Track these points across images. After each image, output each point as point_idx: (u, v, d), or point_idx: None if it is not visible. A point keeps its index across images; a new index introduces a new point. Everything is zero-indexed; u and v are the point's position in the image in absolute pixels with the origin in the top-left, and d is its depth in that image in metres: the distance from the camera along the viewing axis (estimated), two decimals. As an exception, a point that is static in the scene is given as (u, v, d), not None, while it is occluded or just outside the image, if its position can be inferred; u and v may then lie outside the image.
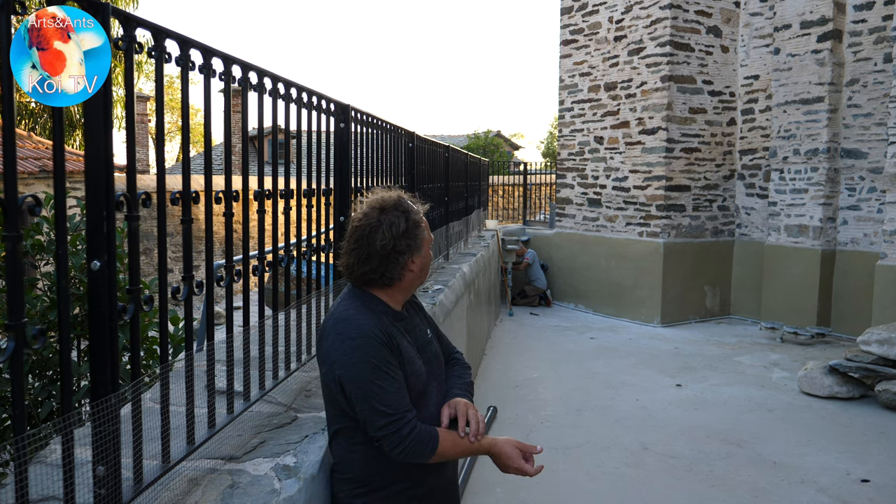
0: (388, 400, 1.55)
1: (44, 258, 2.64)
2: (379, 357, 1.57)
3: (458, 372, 1.85)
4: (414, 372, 1.65)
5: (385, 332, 1.61)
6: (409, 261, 1.65)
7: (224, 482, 1.52)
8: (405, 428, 1.55)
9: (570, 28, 9.58)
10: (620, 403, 5.45)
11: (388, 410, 1.54)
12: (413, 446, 1.55)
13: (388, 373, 1.57)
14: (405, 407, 1.57)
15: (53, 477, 1.34)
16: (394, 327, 1.65)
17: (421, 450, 1.57)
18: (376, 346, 1.57)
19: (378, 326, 1.60)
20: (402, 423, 1.55)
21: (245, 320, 1.82)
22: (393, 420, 1.54)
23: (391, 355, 1.59)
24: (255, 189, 1.89)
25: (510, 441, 1.67)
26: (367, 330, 1.58)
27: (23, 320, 1.00)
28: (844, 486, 3.93)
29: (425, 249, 1.70)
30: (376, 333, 1.58)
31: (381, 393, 1.54)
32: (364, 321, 1.60)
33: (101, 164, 1.18)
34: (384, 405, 1.54)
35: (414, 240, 1.65)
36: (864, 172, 7.39)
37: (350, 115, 2.64)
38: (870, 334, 5.39)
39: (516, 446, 1.66)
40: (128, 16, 1.25)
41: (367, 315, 1.62)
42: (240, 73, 1.69)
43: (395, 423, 1.54)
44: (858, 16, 7.36)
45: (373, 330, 1.58)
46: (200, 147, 24.36)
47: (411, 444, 1.55)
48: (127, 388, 1.27)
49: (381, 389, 1.55)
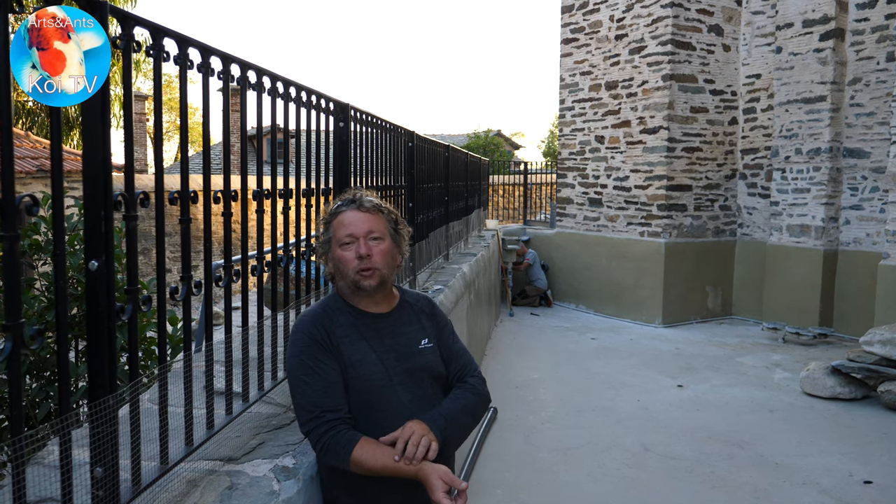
0: (311, 395, 1.56)
1: (41, 258, 2.63)
2: (307, 352, 1.58)
3: (452, 395, 1.71)
4: (360, 375, 1.60)
5: (323, 329, 1.61)
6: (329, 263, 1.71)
7: (223, 483, 1.52)
8: (322, 426, 1.54)
9: (571, 26, 9.55)
10: (621, 404, 5.43)
11: (308, 406, 1.55)
12: (329, 447, 1.53)
13: (313, 368, 1.57)
14: (328, 405, 1.55)
15: (51, 478, 1.34)
16: (351, 327, 1.64)
17: (336, 452, 1.52)
18: (307, 341, 1.59)
19: (316, 322, 1.62)
20: (321, 421, 1.54)
21: (244, 321, 1.82)
22: (313, 416, 1.54)
23: (323, 352, 1.59)
24: (253, 189, 1.88)
25: (438, 470, 1.48)
26: (303, 324, 1.63)
27: (20, 321, 0.99)
28: (847, 488, 3.91)
29: (334, 249, 1.69)
30: (309, 329, 1.61)
31: (304, 388, 1.57)
32: (307, 317, 1.65)
33: (99, 163, 1.17)
34: (306, 400, 1.56)
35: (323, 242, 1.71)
36: (866, 172, 7.36)
37: (349, 114, 2.62)
38: (872, 335, 5.36)
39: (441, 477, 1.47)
40: (126, 14, 1.24)
41: (315, 312, 1.66)
42: (238, 71, 1.69)
43: (314, 420, 1.54)
44: (861, 14, 7.33)
45: (308, 324, 1.62)
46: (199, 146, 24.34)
47: (327, 443, 1.53)
48: (125, 389, 1.27)
49: (305, 385, 1.57)
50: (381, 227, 1.69)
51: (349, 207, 1.69)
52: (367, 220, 1.67)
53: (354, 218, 1.67)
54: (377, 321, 1.68)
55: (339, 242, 1.66)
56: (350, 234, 1.65)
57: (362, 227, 1.66)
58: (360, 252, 1.63)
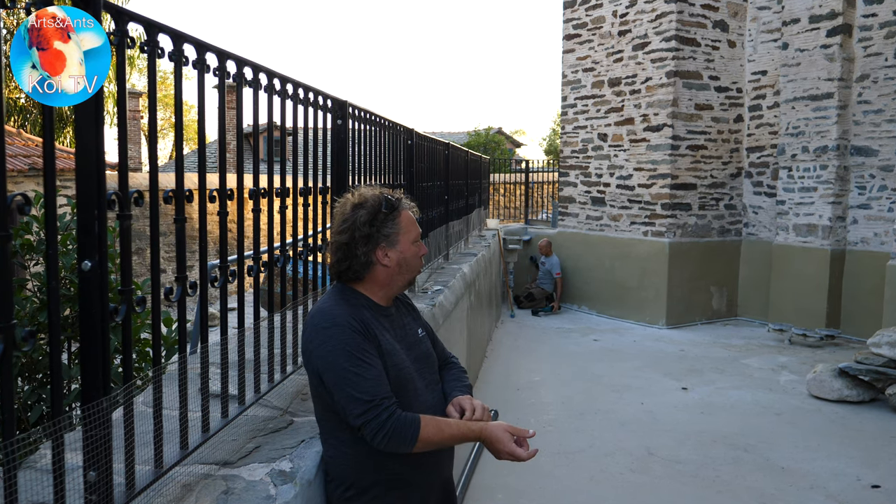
0: (365, 386, 1.53)
1: (33, 258, 2.61)
2: (353, 344, 1.57)
3: (455, 374, 1.86)
4: (395, 364, 1.64)
5: (360, 321, 1.61)
6: (378, 254, 1.67)
7: (218, 488, 1.50)
8: (383, 413, 1.53)
9: (573, 22, 9.47)
10: (625, 407, 5.39)
11: (366, 397, 1.52)
12: (394, 432, 1.52)
13: (363, 359, 1.56)
14: (383, 393, 1.55)
15: (43, 482, 1.33)
16: (375, 320, 1.66)
17: (403, 435, 1.53)
18: (349, 333, 1.57)
19: (352, 315, 1.61)
20: (381, 409, 1.53)
21: (240, 322, 1.81)
22: (371, 406, 1.52)
23: (367, 342, 1.59)
24: (250, 187, 1.86)
25: (501, 425, 1.64)
26: (339, 318, 1.60)
27: (12, 322, 0.99)
28: (854, 492, 3.88)
29: (403, 244, 1.69)
30: (349, 321, 1.59)
31: (356, 380, 1.54)
32: (338, 310, 1.62)
33: (93, 161, 1.16)
34: (361, 392, 1.53)
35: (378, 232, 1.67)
36: (874, 170, 7.27)
37: (348, 111, 2.61)
38: (880, 336, 5.33)
39: (507, 430, 1.63)
40: (120, 10, 1.24)
41: (343, 305, 1.64)
42: (234, 68, 1.67)
43: (373, 410, 1.52)
44: (869, 10, 7.23)
45: (346, 318, 1.60)
46: (194, 144, 24.41)
47: (392, 429, 1.52)
48: (119, 392, 1.26)
49: (357, 376, 1.54)
50: None
51: (408, 208, 1.76)
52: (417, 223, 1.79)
53: (414, 219, 1.77)
54: (388, 314, 1.74)
55: (412, 238, 1.73)
56: (419, 233, 1.77)
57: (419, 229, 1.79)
58: (424, 252, 1.78)
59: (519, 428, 1.65)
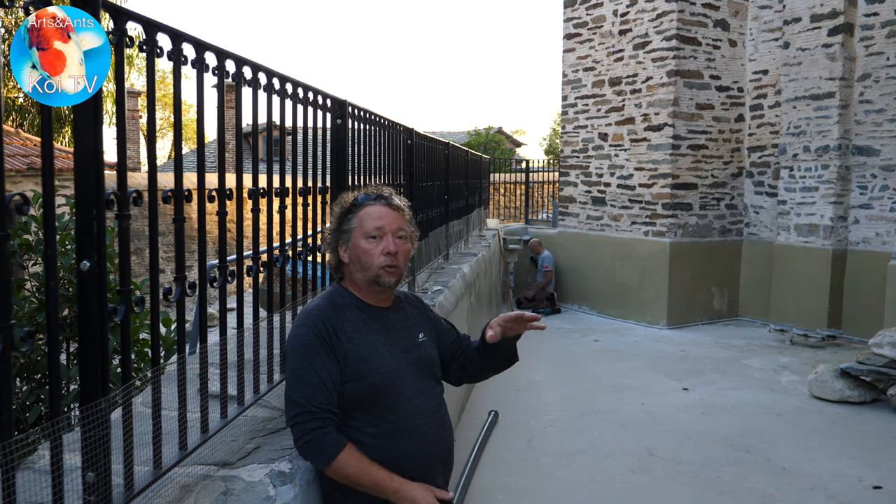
0: (304, 391, 1.54)
1: (32, 258, 2.61)
2: (308, 346, 1.57)
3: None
4: (374, 368, 1.61)
5: (329, 325, 1.60)
6: (340, 251, 1.69)
7: (217, 488, 1.50)
8: (312, 422, 1.52)
9: (574, 21, 9.45)
10: (625, 408, 5.37)
11: (300, 401, 1.53)
12: (313, 444, 1.52)
13: (311, 363, 1.56)
14: (321, 403, 1.54)
15: (42, 483, 1.33)
16: (361, 322, 1.65)
17: (318, 452, 1.52)
18: (309, 335, 1.58)
19: (322, 318, 1.60)
20: (312, 417, 1.52)
21: (239, 322, 1.81)
22: (302, 411, 1.53)
23: (324, 349, 1.58)
24: (249, 187, 1.87)
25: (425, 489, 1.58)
26: (309, 318, 1.61)
27: (10, 322, 0.99)
28: (856, 493, 3.86)
29: (354, 239, 1.67)
30: (315, 323, 1.59)
31: (298, 383, 1.55)
32: (314, 311, 1.63)
33: (91, 161, 1.16)
34: (298, 395, 1.54)
35: (342, 232, 1.69)
36: (875, 170, 7.25)
37: (347, 111, 2.60)
38: (882, 336, 5.31)
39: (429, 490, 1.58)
40: (118, 9, 1.24)
41: (324, 307, 1.64)
42: (234, 67, 1.67)
43: (302, 415, 1.52)
44: (870, 9, 7.21)
45: (315, 319, 1.60)
46: (193, 144, 24.39)
47: (312, 440, 1.52)
48: (117, 392, 1.26)
49: (300, 380, 1.55)
50: (406, 227, 1.74)
51: (378, 202, 1.70)
52: (397, 218, 1.71)
53: (385, 213, 1.69)
54: (382, 315, 1.71)
55: (366, 234, 1.67)
56: (379, 228, 1.67)
57: (393, 224, 1.69)
58: (388, 249, 1.66)
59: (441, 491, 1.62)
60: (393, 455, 1.59)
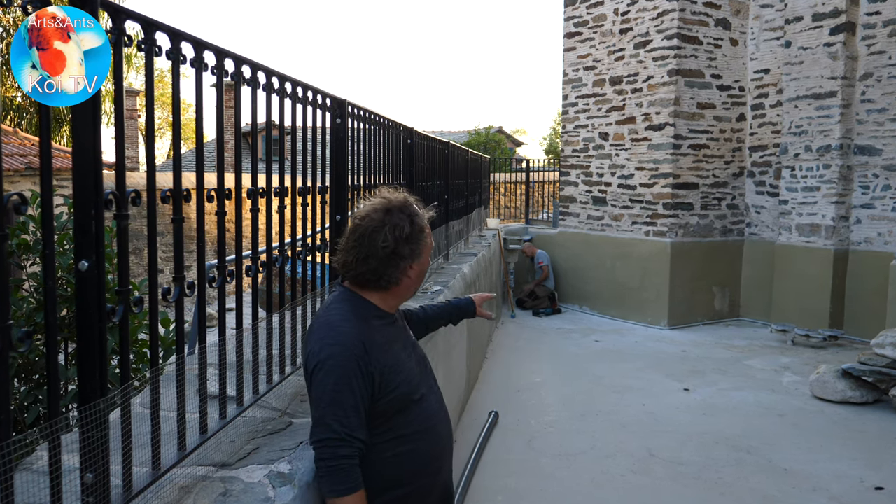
0: (339, 414, 1.51)
1: (30, 258, 2.60)
2: (346, 368, 1.53)
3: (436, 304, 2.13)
4: (405, 380, 1.62)
5: (365, 344, 1.56)
6: (408, 266, 1.63)
7: (216, 489, 1.50)
8: (344, 449, 1.49)
9: (574, 20, 9.43)
10: (626, 408, 5.35)
11: (335, 425, 1.50)
12: (337, 471, 1.49)
13: (349, 386, 1.52)
14: (356, 431, 1.52)
15: (40, 484, 1.33)
16: (381, 330, 1.64)
17: (341, 480, 1.49)
18: (347, 356, 1.53)
19: (359, 337, 1.56)
20: (344, 444, 1.49)
21: (238, 322, 1.82)
22: (335, 437, 1.49)
23: (360, 370, 1.55)
24: (248, 187, 1.88)
25: None
26: (346, 339, 1.55)
27: (8, 322, 0.99)
28: (858, 494, 3.85)
29: (425, 256, 1.68)
30: (353, 344, 1.55)
31: (333, 405, 1.51)
32: (347, 329, 1.57)
33: (90, 160, 1.16)
34: (332, 417, 1.50)
35: (416, 245, 1.64)
36: (878, 170, 7.23)
37: (347, 110, 2.60)
38: (884, 337, 5.29)
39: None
40: (117, 8, 1.25)
41: (353, 322, 1.59)
42: (233, 67, 1.67)
43: (336, 441, 1.49)
44: (872, 8, 7.18)
45: (352, 340, 1.55)
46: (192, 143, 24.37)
47: (338, 468, 1.49)
48: (116, 393, 1.26)
49: (335, 402, 1.51)
50: None
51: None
52: None
53: None
54: (392, 320, 1.73)
55: (430, 249, 1.73)
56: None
57: None
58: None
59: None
60: (417, 456, 1.63)
